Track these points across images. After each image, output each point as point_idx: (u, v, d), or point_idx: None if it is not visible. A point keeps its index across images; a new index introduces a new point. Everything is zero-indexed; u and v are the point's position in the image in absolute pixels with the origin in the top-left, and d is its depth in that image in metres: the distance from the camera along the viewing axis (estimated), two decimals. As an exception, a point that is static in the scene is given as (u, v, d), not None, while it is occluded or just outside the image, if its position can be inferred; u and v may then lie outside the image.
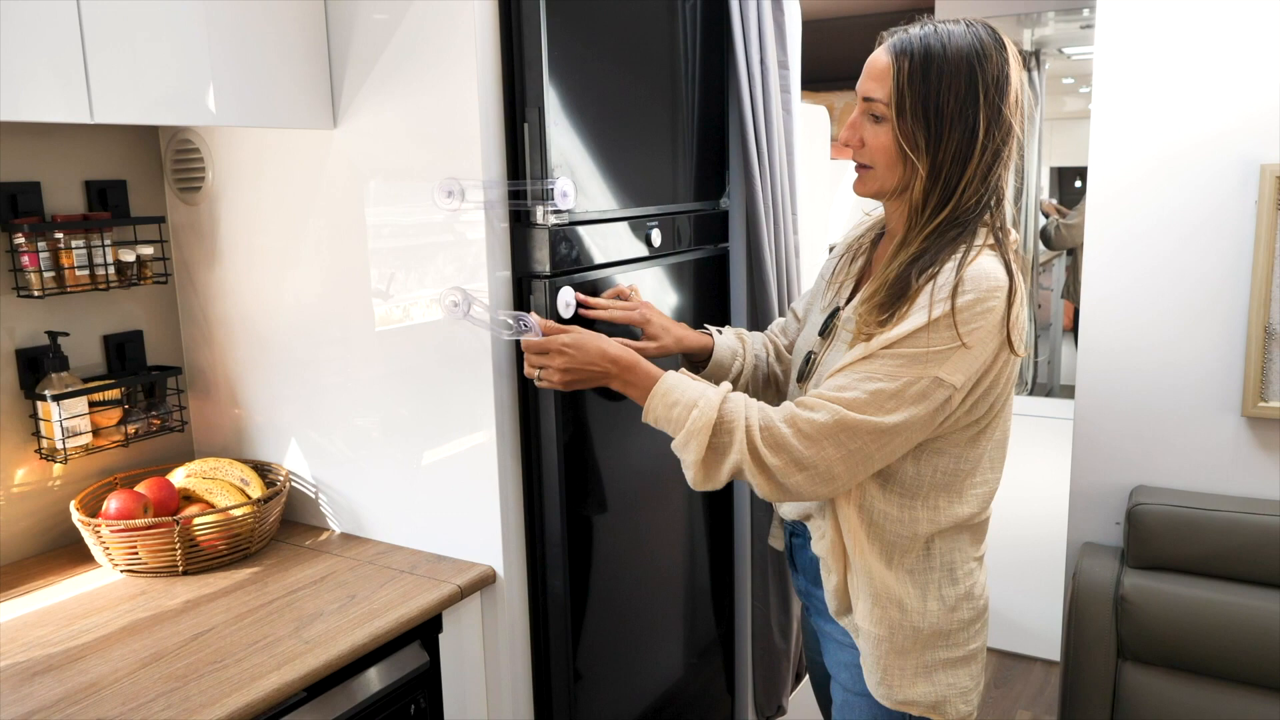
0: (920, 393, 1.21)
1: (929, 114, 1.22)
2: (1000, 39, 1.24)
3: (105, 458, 1.87)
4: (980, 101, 1.21)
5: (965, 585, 1.36)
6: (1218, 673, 1.87)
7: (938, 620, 1.34)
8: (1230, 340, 1.94)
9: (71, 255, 1.71)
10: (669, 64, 1.92)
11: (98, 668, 1.36)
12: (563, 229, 1.63)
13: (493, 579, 1.68)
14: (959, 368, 1.21)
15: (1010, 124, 1.22)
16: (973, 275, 1.20)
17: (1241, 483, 1.99)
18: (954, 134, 1.21)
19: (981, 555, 1.41)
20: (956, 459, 1.31)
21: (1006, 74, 1.22)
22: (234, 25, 1.54)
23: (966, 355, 1.21)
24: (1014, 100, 1.23)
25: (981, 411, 1.28)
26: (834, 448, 1.22)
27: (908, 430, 1.23)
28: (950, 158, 1.22)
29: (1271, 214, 1.85)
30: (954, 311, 1.20)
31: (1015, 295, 1.22)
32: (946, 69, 1.20)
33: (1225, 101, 1.89)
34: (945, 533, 1.34)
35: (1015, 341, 1.23)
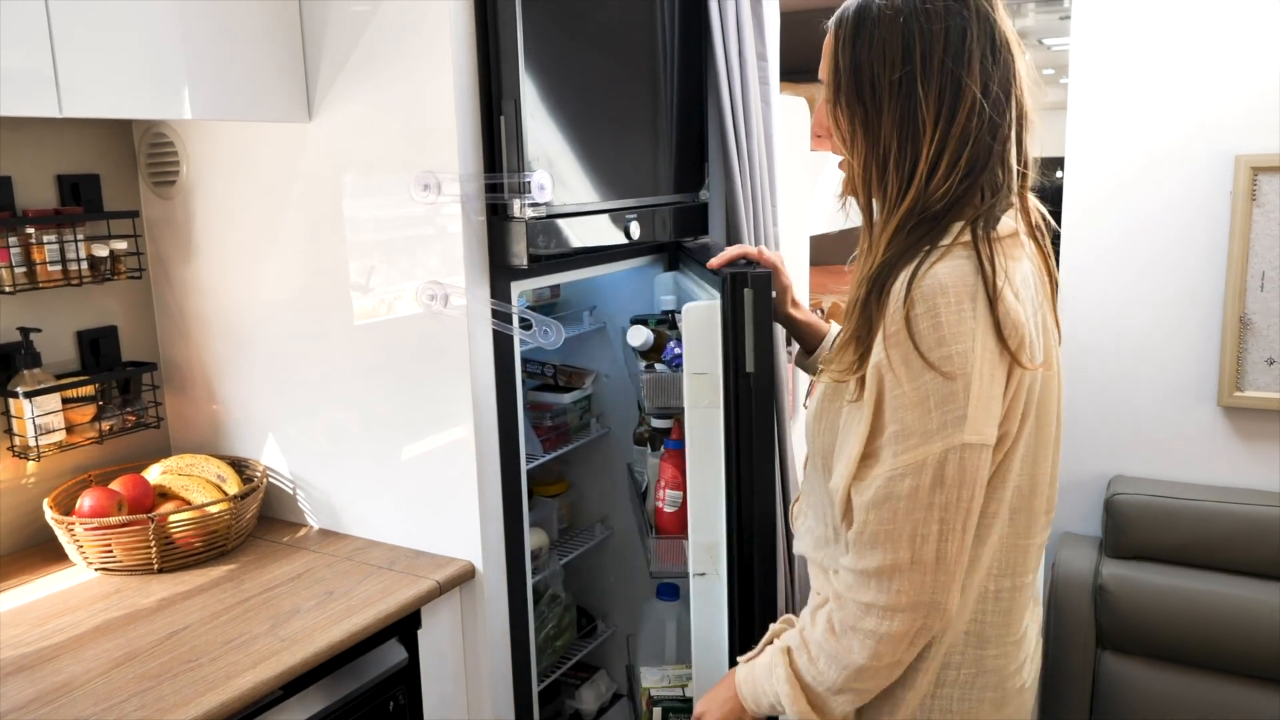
0: (956, 476, 0.93)
1: (861, 87, 1.00)
2: None
3: (79, 455, 1.85)
4: (925, 67, 0.96)
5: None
6: (1196, 661, 1.88)
7: None
8: (1206, 331, 1.95)
9: (43, 250, 1.68)
10: (648, 56, 1.91)
11: (71, 667, 1.35)
12: (540, 222, 1.62)
13: (472, 574, 1.67)
14: (980, 418, 0.93)
15: (972, 92, 0.95)
16: (925, 299, 0.93)
17: (1218, 472, 2.00)
18: (894, 109, 0.98)
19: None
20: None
21: (965, 29, 0.96)
22: (207, 18, 1.52)
23: (975, 400, 0.92)
24: (978, 62, 0.96)
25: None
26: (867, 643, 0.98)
27: (962, 533, 0.95)
28: (896, 138, 0.98)
29: (1246, 205, 1.86)
30: (914, 341, 0.93)
31: (999, 297, 0.94)
32: (878, 32, 0.98)
33: (1201, 94, 1.90)
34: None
35: (1012, 344, 0.93)
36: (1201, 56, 1.88)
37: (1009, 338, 0.94)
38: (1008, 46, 0.98)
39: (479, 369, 1.62)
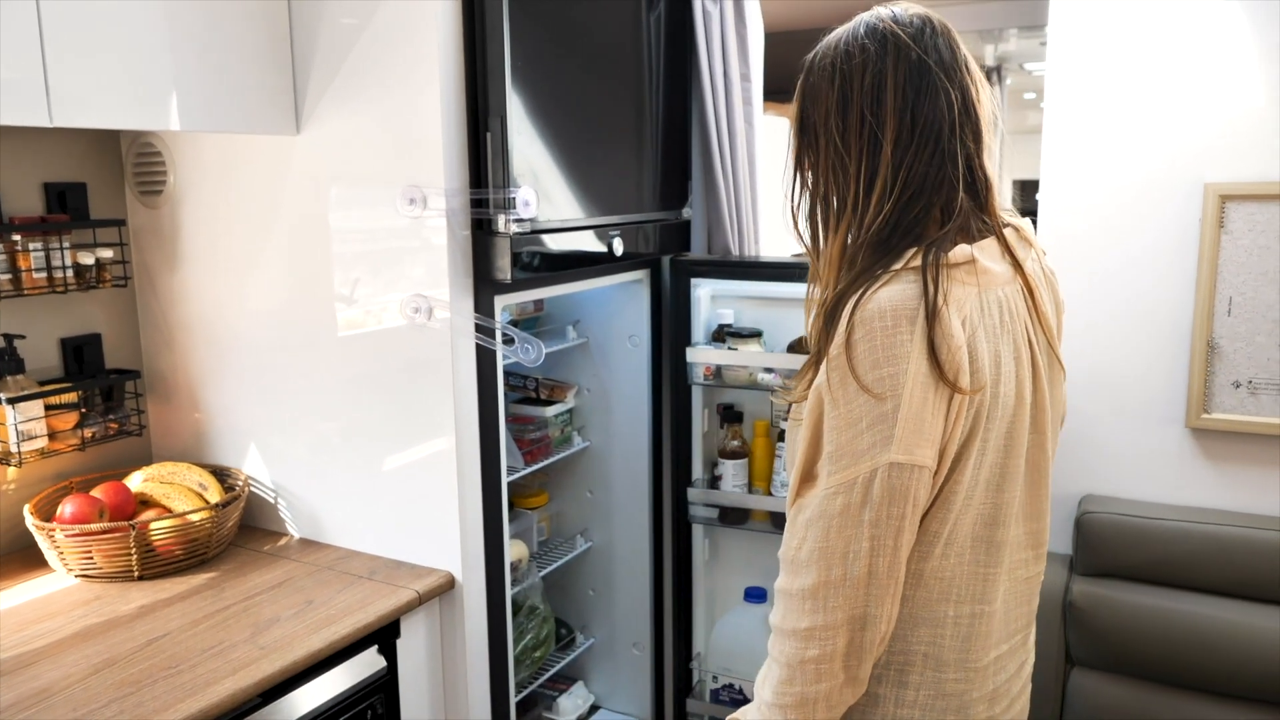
0: (884, 494, 0.95)
1: (805, 128, 1.07)
2: (877, 29, 1.03)
3: (61, 461, 1.85)
4: (845, 104, 1.02)
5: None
6: (1164, 678, 1.91)
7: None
8: (1175, 354, 1.99)
9: (29, 257, 1.69)
10: (633, 75, 1.95)
11: (49, 673, 1.35)
12: (524, 237, 1.64)
13: (451, 585, 1.68)
14: (909, 438, 0.94)
15: (893, 125, 1.00)
16: (864, 323, 0.95)
17: (1186, 492, 2.04)
18: (826, 145, 1.04)
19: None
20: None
21: (881, 68, 1.01)
22: (197, 30, 1.54)
23: (904, 419, 0.94)
24: (898, 96, 1.00)
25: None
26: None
27: (894, 550, 0.96)
28: (829, 170, 1.04)
29: (1214, 231, 1.90)
30: (851, 368, 0.95)
31: (938, 318, 0.94)
32: (813, 78, 1.06)
33: (1171, 123, 1.94)
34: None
35: (947, 369, 0.93)
36: (1173, 86, 1.93)
37: (944, 361, 0.94)
38: (944, 72, 1.01)
39: (461, 381, 1.64)
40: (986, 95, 1.06)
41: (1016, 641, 1.14)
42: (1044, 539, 1.13)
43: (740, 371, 2.09)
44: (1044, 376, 1.07)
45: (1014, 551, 1.08)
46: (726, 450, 2.15)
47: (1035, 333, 1.07)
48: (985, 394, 0.97)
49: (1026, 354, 1.04)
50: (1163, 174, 1.96)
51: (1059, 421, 1.18)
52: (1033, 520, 1.10)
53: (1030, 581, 1.14)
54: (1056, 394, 1.15)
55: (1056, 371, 1.14)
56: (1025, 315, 1.05)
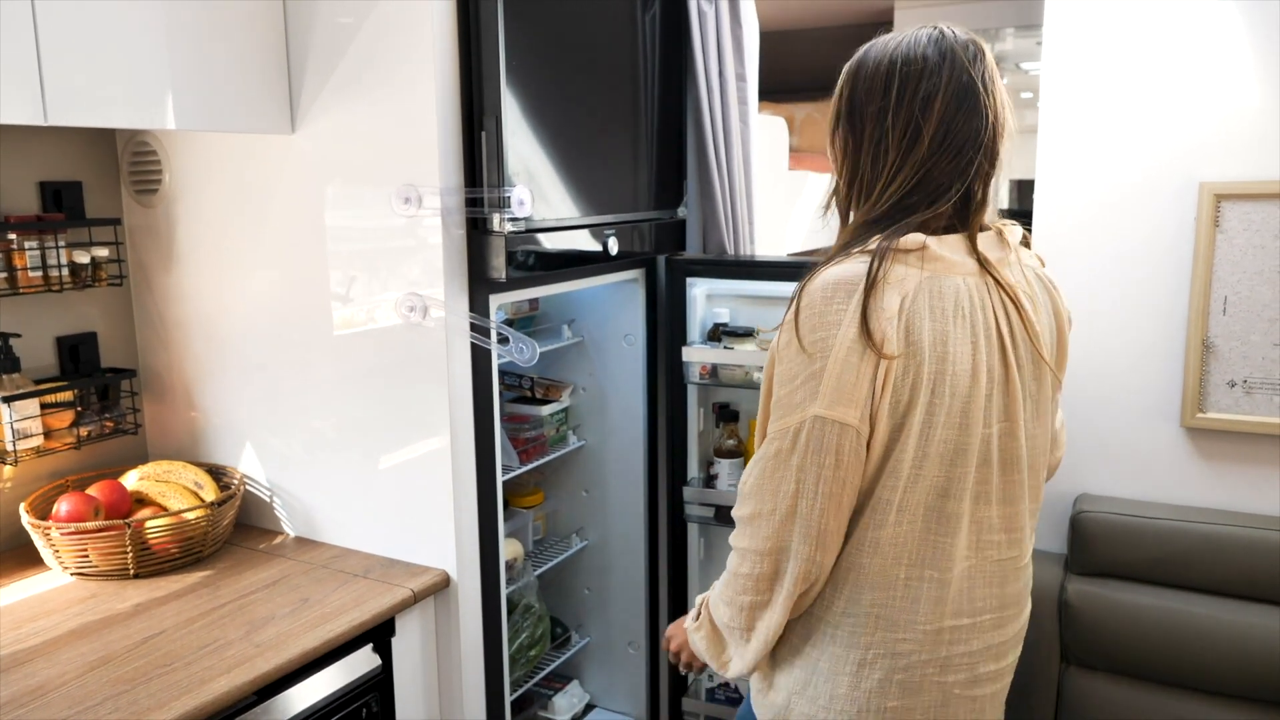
0: (809, 444, 1.07)
1: (852, 116, 1.16)
2: (943, 44, 1.13)
3: (57, 460, 1.85)
4: (898, 104, 1.12)
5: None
6: (1159, 677, 1.92)
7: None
8: (1170, 353, 1.99)
9: (25, 256, 1.69)
10: (628, 74, 1.95)
11: (45, 671, 1.35)
12: (519, 236, 1.64)
13: (446, 584, 1.69)
14: (833, 394, 1.05)
15: (929, 133, 1.11)
16: (812, 291, 1.08)
17: (1181, 491, 2.04)
18: (871, 135, 1.14)
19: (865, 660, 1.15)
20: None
21: (937, 79, 1.11)
22: (192, 29, 1.54)
23: (829, 378, 1.05)
24: (942, 108, 1.11)
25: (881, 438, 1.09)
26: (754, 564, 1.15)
27: (815, 496, 1.08)
28: (869, 160, 1.14)
29: (1209, 231, 1.91)
30: (795, 330, 1.08)
31: (875, 291, 1.05)
32: (869, 71, 1.15)
33: (1167, 122, 1.95)
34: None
35: (874, 336, 1.04)
36: (1168, 85, 1.94)
37: (873, 329, 1.05)
38: (986, 99, 1.12)
39: (456, 380, 1.64)
40: (1013, 124, 1.17)
41: (985, 622, 1.18)
42: (1020, 524, 1.19)
43: (736, 370, 2.09)
44: (1022, 372, 1.14)
45: (982, 531, 1.15)
46: (722, 449, 2.15)
47: (1015, 331, 1.14)
48: (925, 368, 1.07)
49: (995, 344, 1.12)
50: (1158, 173, 1.96)
51: (1046, 420, 1.22)
52: (1007, 504, 1.17)
53: (1003, 564, 1.19)
54: (1043, 395, 1.19)
55: (1045, 374, 1.18)
56: (997, 309, 1.13)
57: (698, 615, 1.27)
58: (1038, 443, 1.20)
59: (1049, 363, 1.17)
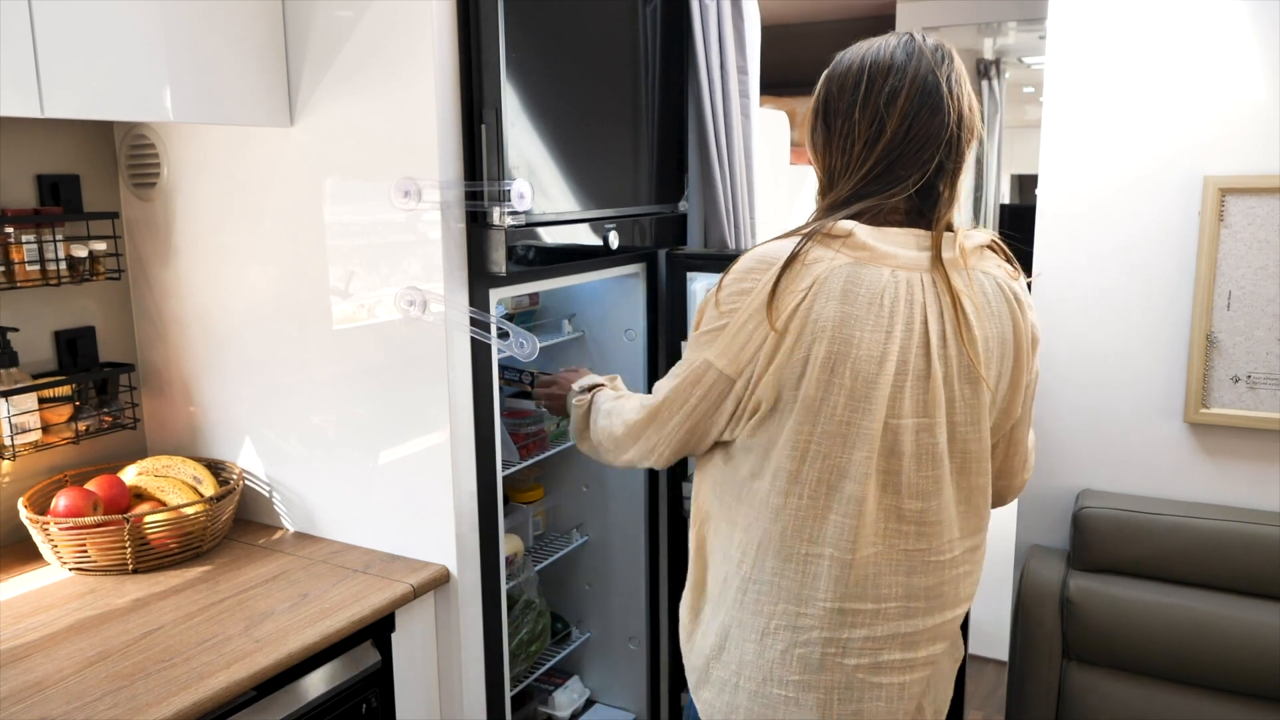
0: (694, 376, 1.24)
1: (827, 111, 1.24)
2: (913, 48, 1.20)
3: (55, 455, 1.84)
4: (865, 101, 1.19)
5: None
6: (1160, 673, 1.91)
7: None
8: (1173, 348, 1.99)
9: (22, 250, 1.69)
10: (629, 67, 1.94)
11: (43, 666, 1.35)
12: (520, 230, 1.64)
13: (446, 579, 1.68)
14: (724, 349, 1.20)
15: (891, 130, 1.18)
16: (744, 258, 1.21)
17: (1184, 487, 2.04)
18: (840, 129, 1.22)
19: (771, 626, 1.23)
20: (736, 470, 1.25)
21: (902, 81, 1.18)
22: (190, 21, 1.53)
23: (727, 334, 1.19)
24: (906, 107, 1.18)
25: (764, 408, 1.19)
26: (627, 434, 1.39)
27: (672, 409, 1.27)
28: (839, 152, 1.22)
29: (1213, 224, 1.90)
30: (719, 289, 1.22)
31: (790, 269, 1.15)
32: (842, 69, 1.23)
33: (1171, 116, 1.94)
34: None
35: (773, 316, 1.15)
36: (1172, 79, 1.93)
37: (775, 303, 1.15)
38: (949, 102, 1.18)
39: (456, 375, 1.64)
40: (978, 128, 1.23)
41: (890, 610, 1.21)
42: (935, 519, 1.21)
43: (737, 365, 2.08)
44: (950, 372, 1.17)
45: (893, 520, 1.20)
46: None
47: (949, 334, 1.17)
48: (819, 346, 1.14)
49: (918, 340, 1.15)
50: (1162, 167, 1.96)
51: (983, 426, 1.22)
52: (921, 498, 1.20)
53: (911, 555, 1.21)
54: (979, 401, 1.21)
55: (980, 388, 1.20)
56: (930, 307, 1.16)
57: (586, 400, 1.56)
58: (970, 447, 1.22)
59: (981, 372, 1.19)
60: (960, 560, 1.25)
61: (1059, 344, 2.08)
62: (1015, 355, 1.23)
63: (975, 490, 1.25)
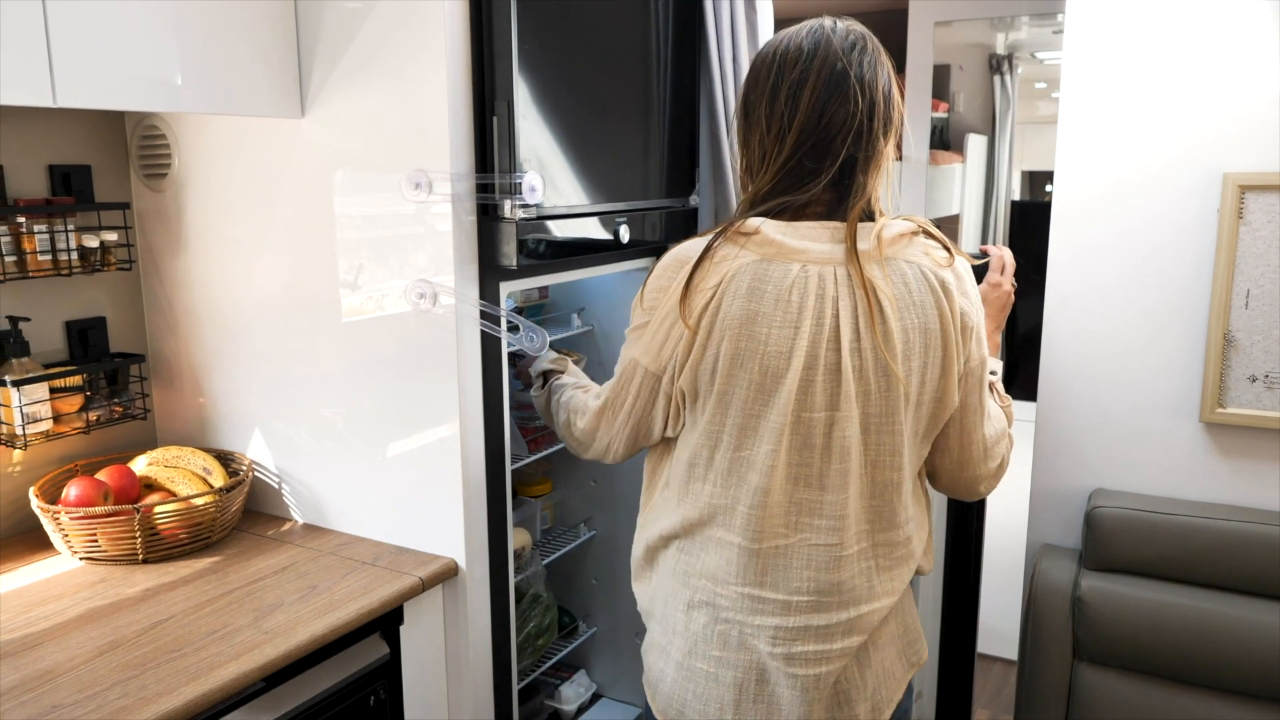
0: (626, 375, 1.30)
1: (744, 108, 1.25)
2: (819, 36, 1.19)
3: (66, 444, 1.85)
4: (773, 95, 1.20)
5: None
6: (1172, 674, 1.90)
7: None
8: (1190, 347, 1.97)
9: (34, 240, 1.69)
10: (641, 60, 1.93)
11: (54, 655, 1.35)
12: (530, 223, 1.63)
13: (455, 572, 1.68)
14: (647, 347, 1.25)
15: (799, 122, 1.18)
16: (666, 255, 1.25)
17: (1199, 488, 2.02)
18: (751, 124, 1.23)
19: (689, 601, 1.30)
20: (667, 451, 1.34)
21: (807, 71, 1.18)
22: (202, 11, 1.53)
23: (649, 333, 1.25)
24: (813, 99, 1.17)
25: (686, 401, 1.26)
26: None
27: (615, 409, 1.33)
28: (750, 146, 1.24)
29: (1232, 222, 1.88)
30: (643, 287, 1.26)
31: (701, 268, 1.19)
32: (754, 65, 1.24)
33: (1189, 111, 1.92)
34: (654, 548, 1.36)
35: (685, 314, 1.20)
36: (1191, 74, 1.91)
37: (687, 301, 1.20)
38: (862, 89, 1.17)
39: (466, 368, 1.63)
40: (896, 116, 1.22)
41: (801, 603, 1.23)
42: (841, 513, 1.21)
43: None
44: (863, 364, 1.17)
45: (801, 513, 1.22)
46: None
47: (864, 328, 1.16)
48: (728, 343, 1.17)
49: (828, 334, 1.16)
50: (1180, 163, 1.94)
51: (899, 419, 1.21)
52: (828, 491, 1.21)
53: (820, 550, 1.22)
54: (893, 393, 1.19)
55: (894, 383, 1.19)
56: (842, 301, 1.16)
57: (543, 387, 1.64)
58: (884, 440, 1.21)
59: (895, 367, 1.17)
60: (869, 554, 1.25)
61: (1072, 340, 2.06)
62: (943, 344, 1.21)
63: (889, 485, 1.24)
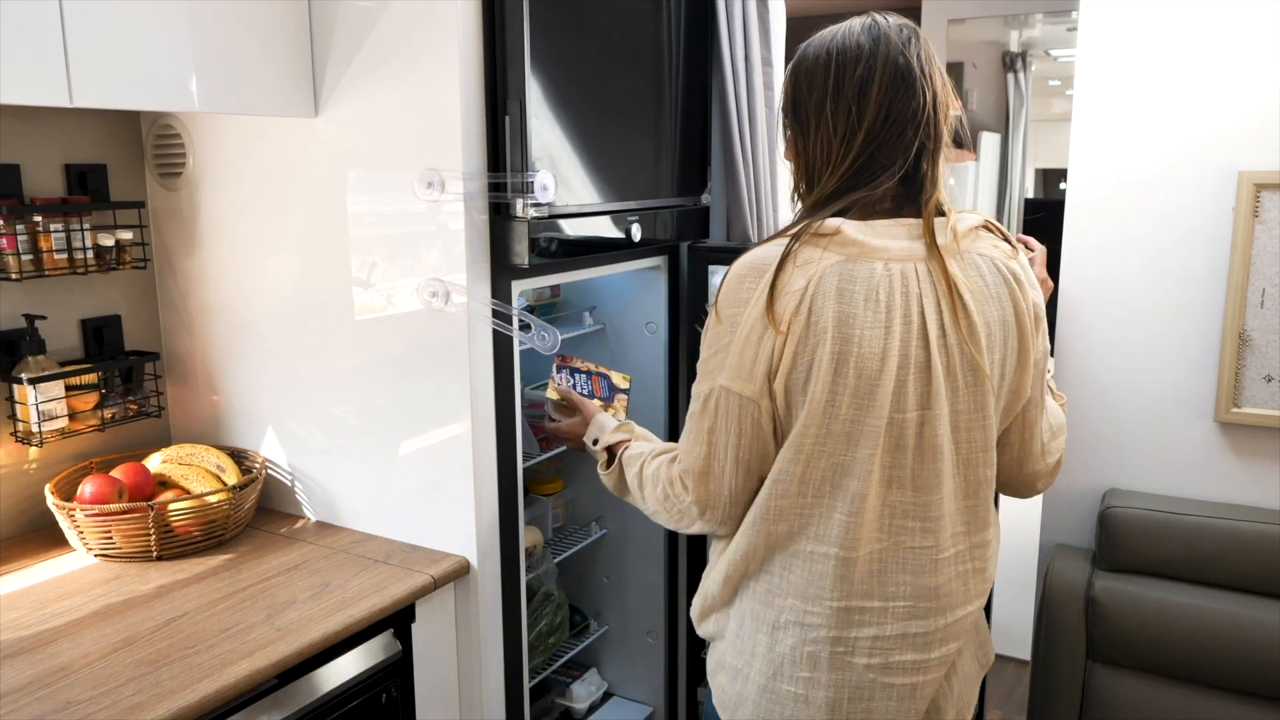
0: (716, 413, 1.18)
1: (797, 109, 1.21)
2: (877, 30, 1.17)
3: (81, 442, 1.86)
4: (836, 93, 1.16)
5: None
6: (1186, 676, 1.89)
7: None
8: (1205, 346, 1.96)
9: (50, 238, 1.70)
10: (653, 59, 1.93)
11: (69, 651, 1.36)
12: (542, 222, 1.63)
13: (466, 570, 1.68)
14: (736, 369, 1.16)
15: (870, 117, 1.15)
16: (734, 267, 1.18)
17: (1213, 488, 2.01)
18: (815, 126, 1.19)
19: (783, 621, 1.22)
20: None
21: (871, 67, 1.15)
22: (215, 12, 1.53)
23: (734, 353, 1.16)
24: (880, 93, 1.15)
25: (780, 415, 1.17)
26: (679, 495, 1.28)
27: (720, 459, 1.19)
28: (817, 149, 1.19)
29: (1248, 221, 1.87)
30: (716, 305, 1.18)
31: (784, 271, 1.13)
32: (808, 64, 1.20)
33: (1205, 109, 1.91)
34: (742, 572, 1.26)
35: (775, 317, 1.12)
36: (1207, 72, 1.89)
37: (775, 307, 1.13)
38: (922, 81, 1.15)
39: (478, 367, 1.63)
40: (952, 105, 1.21)
41: (899, 609, 1.19)
42: (935, 513, 1.19)
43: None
44: (951, 362, 1.15)
45: (894, 516, 1.18)
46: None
47: (946, 322, 1.14)
48: (825, 348, 1.12)
49: (917, 331, 1.13)
50: (1195, 161, 1.92)
51: (988, 415, 1.20)
52: (923, 492, 1.18)
53: (917, 553, 1.19)
54: (981, 388, 1.18)
55: (982, 376, 1.17)
56: (926, 298, 1.14)
57: (610, 464, 1.45)
58: (975, 437, 1.19)
59: (981, 361, 1.16)
60: (965, 556, 1.23)
61: (1085, 339, 2.05)
62: (1019, 335, 1.21)
63: (982, 483, 1.22)
